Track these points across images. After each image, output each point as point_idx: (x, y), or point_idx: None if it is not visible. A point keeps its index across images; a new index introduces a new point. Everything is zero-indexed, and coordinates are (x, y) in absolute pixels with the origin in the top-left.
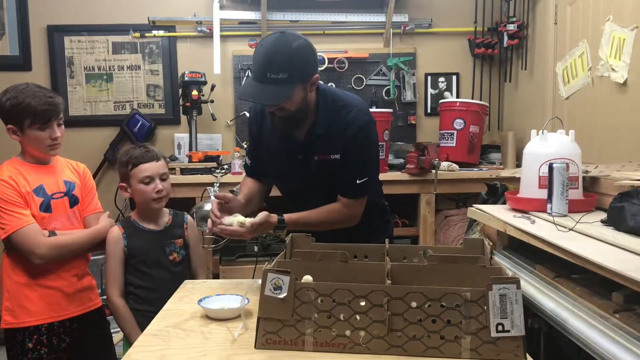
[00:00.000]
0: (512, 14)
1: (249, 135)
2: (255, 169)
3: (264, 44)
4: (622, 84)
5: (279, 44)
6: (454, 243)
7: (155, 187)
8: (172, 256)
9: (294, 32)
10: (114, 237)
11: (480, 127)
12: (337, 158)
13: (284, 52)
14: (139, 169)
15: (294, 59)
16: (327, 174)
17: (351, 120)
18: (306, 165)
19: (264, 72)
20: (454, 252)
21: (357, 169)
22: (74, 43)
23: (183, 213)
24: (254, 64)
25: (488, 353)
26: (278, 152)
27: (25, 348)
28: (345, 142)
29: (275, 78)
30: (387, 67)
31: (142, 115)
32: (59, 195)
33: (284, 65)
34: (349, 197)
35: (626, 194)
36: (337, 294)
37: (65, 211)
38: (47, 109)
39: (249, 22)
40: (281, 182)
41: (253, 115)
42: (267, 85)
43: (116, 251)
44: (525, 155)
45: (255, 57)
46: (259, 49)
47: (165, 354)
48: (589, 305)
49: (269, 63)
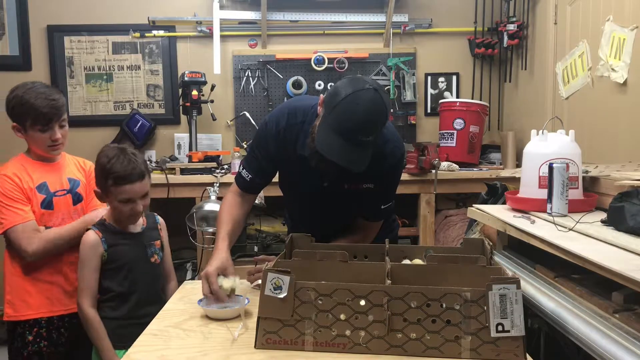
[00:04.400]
0: (512, 14)
1: (260, 149)
2: (254, 184)
3: (359, 102)
4: (622, 84)
5: (377, 106)
6: (454, 243)
7: (134, 207)
8: (153, 258)
9: (381, 87)
10: (90, 241)
11: (480, 127)
12: (370, 187)
13: (382, 115)
14: (121, 190)
15: (384, 121)
16: (352, 201)
17: (389, 153)
18: (333, 192)
19: (357, 134)
20: (454, 252)
21: (386, 196)
22: (74, 43)
23: (153, 214)
24: (344, 119)
25: (488, 353)
26: (301, 176)
27: (26, 340)
28: (381, 173)
29: (366, 141)
30: (387, 67)
31: (142, 115)
32: (62, 192)
33: (375, 130)
34: (371, 220)
35: (626, 194)
36: (337, 294)
37: (68, 209)
38: (48, 112)
39: (249, 22)
40: (295, 199)
41: (274, 130)
42: (355, 147)
43: (92, 258)
44: (525, 155)
45: (350, 113)
46: (352, 105)
47: (165, 353)
48: (589, 305)
49: (367, 127)
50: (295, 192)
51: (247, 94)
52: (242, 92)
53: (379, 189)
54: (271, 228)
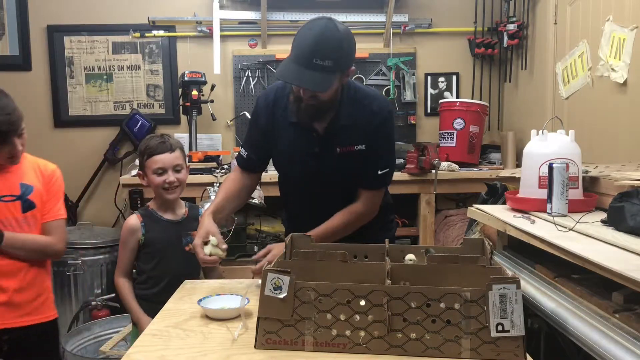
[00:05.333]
0: (512, 14)
1: (254, 125)
2: (251, 162)
3: (312, 28)
4: (622, 84)
5: (329, 30)
6: (454, 243)
7: (167, 178)
8: (187, 247)
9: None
10: (131, 225)
11: (480, 127)
12: (362, 149)
13: (334, 39)
14: (153, 160)
15: (341, 48)
16: (347, 166)
17: (377, 111)
18: (325, 158)
19: (310, 57)
20: (454, 252)
21: (381, 160)
22: (74, 43)
23: (197, 206)
24: (297, 46)
25: (488, 353)
26: (293, 145)
27: None
28: (371, 132)
29: (321, 65)
30: (387, 67)
31: (142, 115)
32: (10, 198)
33: (331, 53)
34: (371, 189)
35: (626, 194)
36: (337, 294)
37: (14, 215)
38: (6, 130)
39: (249, 22)
40: (291, 177)
41: (263, 104)
42: (312, 71)
43: (131, 240)
44: (525, 155)
45: (301, 39)
46: (306, 32)
47: (165, 354)
48: (589, 305)
49: (317, 48)
50: (291, 169)
51: (247, 94)
52: (242, 92)
53: (372, 151)
54: (271, 228)
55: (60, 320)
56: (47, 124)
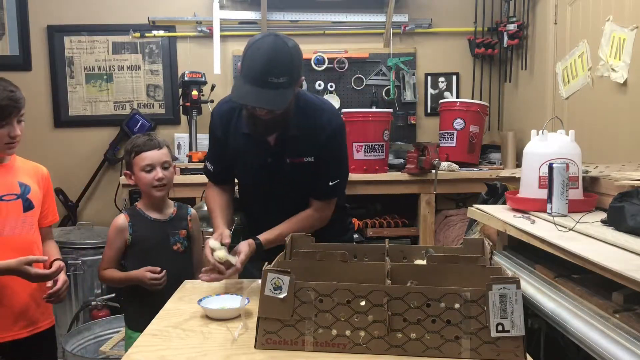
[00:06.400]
0: (512, 14)
1: (212, 139)
2: (220, 175)
3: (260, 47)
4: (622, 84)
5: (279, 47)
6: (454, 243)
7: (156, 175)
8: (175, 246)
9: (283, 34)
10: (119, 225)
11: (480, 127)
12: (311, 161)
13: (285, 54)
14: (141, 157)
15: (292, 63)
16: (298, 177)
17: (325, 124)
18: (277, 168)
19: (265, 76)
20: (454, 252)
21: (331, 172)
22: (74, 43)
23: (187, 206)
24: (249, 67)
25: (488, 353)
26: (246, 155)
27: None
28: (320, 145)
29: (276, 82)
30: (387, 67)
31: (142, 115)
32: (11, 197)
33: (285, 70)
34: (321, 199)
35: (626, 194)
36: (337, 294)
37: (18, 215)
38: (7, 105)
39: (249, 22)
40: (247, 185)
41: (217, 118)
42: (268, 89)
43: (117, 240)
44: (525, 155)
45: (253, 60)
46: (254, 52)
47: (165, 354)
48: (589, 305)
49: (271, 67)
50: (245, 177)
51: None
52: None
53: (321, 163)
54: None
55: (60, 320)
56: (47, 124)
